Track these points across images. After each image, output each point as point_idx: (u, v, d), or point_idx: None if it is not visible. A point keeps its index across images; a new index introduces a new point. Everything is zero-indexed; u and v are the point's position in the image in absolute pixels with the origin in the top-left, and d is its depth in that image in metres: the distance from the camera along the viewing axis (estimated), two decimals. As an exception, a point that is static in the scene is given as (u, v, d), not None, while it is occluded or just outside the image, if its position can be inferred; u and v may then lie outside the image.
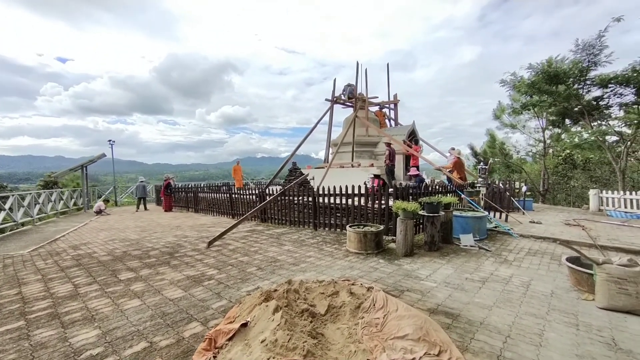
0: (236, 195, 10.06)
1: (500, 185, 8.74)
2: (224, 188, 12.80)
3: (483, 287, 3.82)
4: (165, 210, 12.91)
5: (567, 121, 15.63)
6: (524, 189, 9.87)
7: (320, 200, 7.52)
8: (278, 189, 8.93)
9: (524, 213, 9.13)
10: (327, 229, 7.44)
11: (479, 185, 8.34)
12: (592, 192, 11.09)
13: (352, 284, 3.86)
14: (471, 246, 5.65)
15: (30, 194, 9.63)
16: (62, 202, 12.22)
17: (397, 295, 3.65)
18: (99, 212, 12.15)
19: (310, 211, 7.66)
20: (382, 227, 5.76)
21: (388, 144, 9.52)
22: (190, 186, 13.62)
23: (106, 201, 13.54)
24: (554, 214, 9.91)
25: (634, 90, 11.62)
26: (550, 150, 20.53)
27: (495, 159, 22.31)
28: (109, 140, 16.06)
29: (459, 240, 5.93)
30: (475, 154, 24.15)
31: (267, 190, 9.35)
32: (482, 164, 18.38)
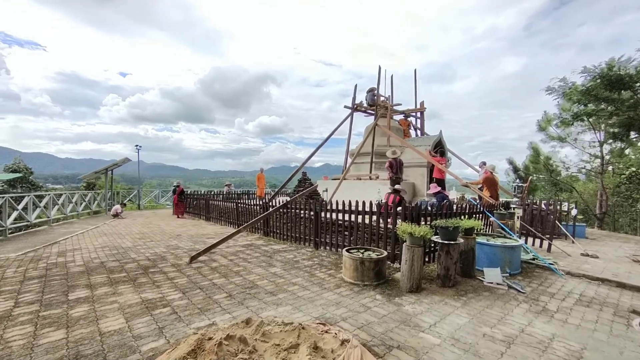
0: (242, 205, 9.55)
1: (543, 206, 7.25)
2: (246, 196, 12.47)
3: (507, 352, 2.73)
4: (178, 217, 12.81)
5: (633, 134, 13.25)
6: (573, 211, 8.18)
7: (327, 215, 6.68)
8: (283, 201, 8.25)
9: (573, 241, 7.49)
10: (328, 248, 6.56)
11: (515, 206, 6.95)
12: (666, 220, 8.98)
13: (326, 331, 2.98)
14: (498, 284, 4.45)
15: (49, 194, 9.97)
16: (83, 204, 12.64)
17: (382, 354, 2.70)
18: (116, 215, 12.37)
19: (313, 227, 6.84)
20: (385, 253, 4.78)
21: (393, 158, 8.45)
22: (202, 193, 13.49)
23: (123, 205, 13.83)
24: (616, 244, 8.07)
25: None
26: (610, 167, 17.71)
27: (540, 176, 19.78)
28: (136, 145, 16.69)
29: (482, 275, 4.74)
30: (515, 169, 21.70)
31: (272, 201, 8.70)
32: (518, 180, 16.22)
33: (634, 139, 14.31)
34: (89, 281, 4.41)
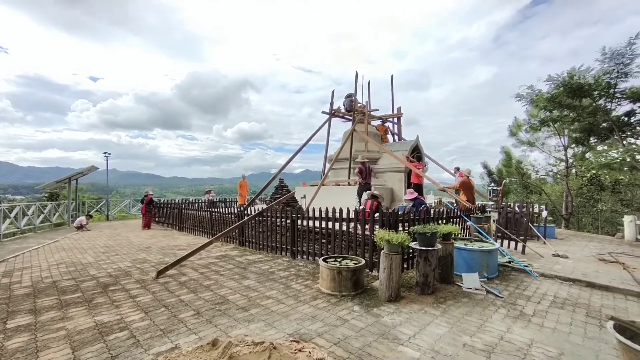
0: (217, 214, 9.13)
1: (516, 208, 7.45)
2: (223, 205, 11.84)
3: (488, 363, 2.64)
4: (143, 228, 11.80)
5: (592, 139, 14.11)
6: (544, 213, 8.47)
7: (304, 223, 6.47)
8: (259, 208, 7.95)
9: (544, 242, 7.74)
10: (305, 257, 6.34)
11: (490, 209, 7.07)
12: (627, 219, 9.53)
13: (299, 350, 2.77)
14: (476, 289, 4.42)
15: (0, 208, 9.06)
16: (42, 216, 11.63)
17: (359, 373, 2.51)
18: (80, 227, 11.46)
19: (289, 236, 6.59)
20: (363, 261, 4.64)
21: (362, 162, 8.53)
22: (175, 201, 12.85)
23: (89, 216, 12.90)
24: (582, 243, 8.43)
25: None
26: (574, 170, 18.79)
27: (512, 179, 20.66)
28: (104, 153, 15.74)
29: (461, 280, 4.71)
30: (489, 173, 22.56)
31: (247, 209, 8.38)
32: (493, 184, 16.84)
33: (593, 144, 15.25)
34: (35, 305, 3.92)
